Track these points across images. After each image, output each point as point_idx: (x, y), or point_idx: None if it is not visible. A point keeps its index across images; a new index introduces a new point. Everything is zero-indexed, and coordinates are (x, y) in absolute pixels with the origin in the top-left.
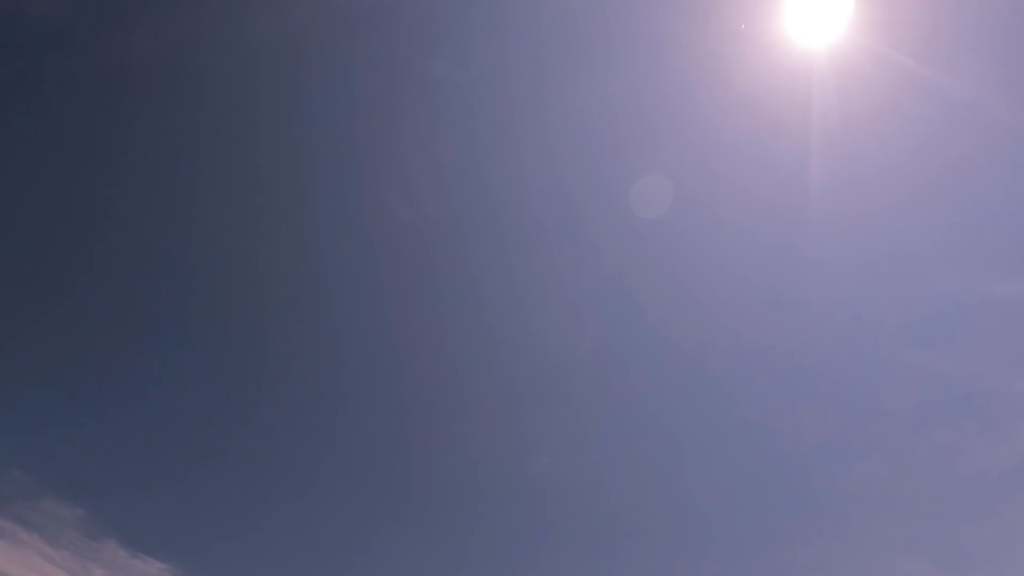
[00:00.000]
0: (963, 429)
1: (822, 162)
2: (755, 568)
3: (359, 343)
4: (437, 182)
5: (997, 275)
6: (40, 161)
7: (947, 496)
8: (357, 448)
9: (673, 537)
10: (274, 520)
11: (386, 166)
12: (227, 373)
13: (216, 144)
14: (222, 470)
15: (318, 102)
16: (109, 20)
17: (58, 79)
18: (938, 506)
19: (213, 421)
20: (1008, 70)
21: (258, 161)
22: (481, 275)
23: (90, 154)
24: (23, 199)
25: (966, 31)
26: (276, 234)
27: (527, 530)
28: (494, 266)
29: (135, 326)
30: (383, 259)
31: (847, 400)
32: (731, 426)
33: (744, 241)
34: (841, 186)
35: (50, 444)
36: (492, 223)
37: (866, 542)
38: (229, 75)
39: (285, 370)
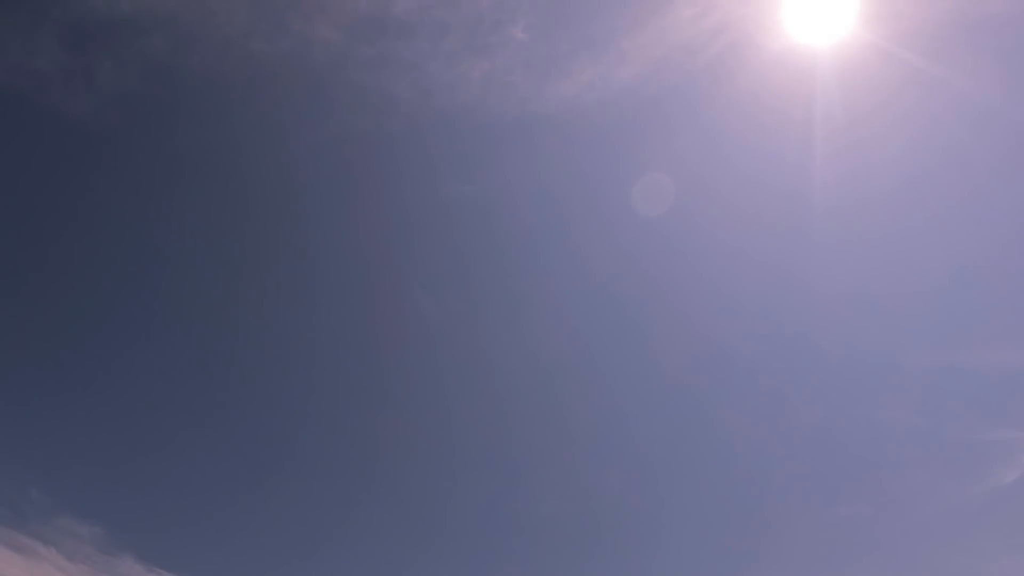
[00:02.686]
0: (938, 473)
1: (825, 160)
2: None
3: (380, 401)
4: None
5: (965, 348)
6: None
7: (923, 529)
8: (370, 486)
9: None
10: (288, 535)
11: (411, 263)
12: (245, 398)
13: (257, 239)
14: (236, 485)
15: (355, 210)
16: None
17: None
18: (915, 537)
19: (228, 440)
20: (1014, 67)
21: (301, 259)
22: (494, 350)
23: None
24: (38, 244)
25: (972, 27)
26: (314, 314)
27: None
28: (506, 342)
29: (153, 352)
30: (407, 337)
31: (833, 446)
32: (729, 468)
33: (746, 242)
34: (843, 185)
35: (68, 465)
36: (504, 306)
37: (849, 569)
38: (277, 178)
39: (307, 417)
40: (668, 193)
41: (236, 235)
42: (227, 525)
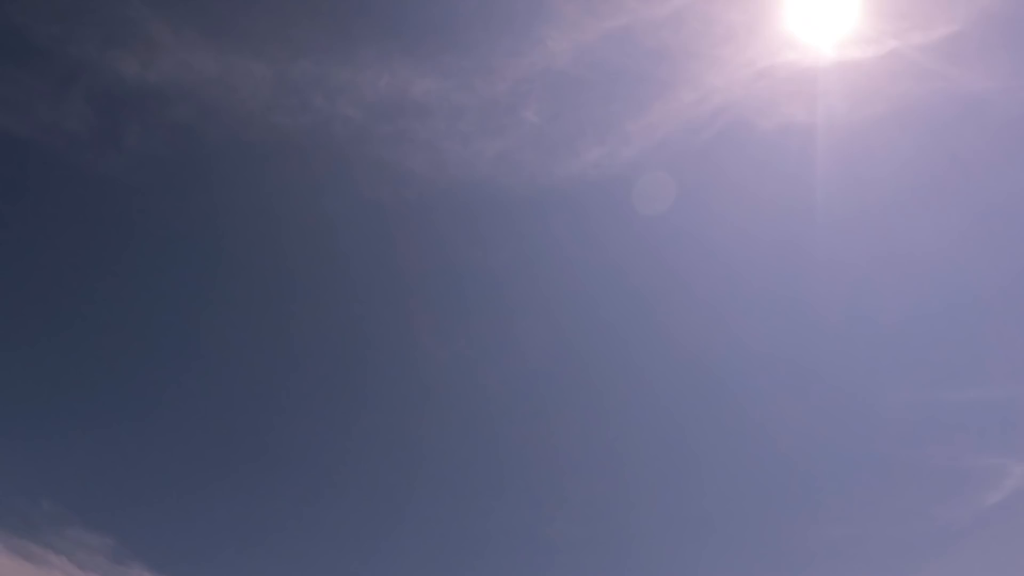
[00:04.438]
0: (924, 496)
1: (827, 159)
2: None
3: (391, 424)
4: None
5: (951, 384)
6: None
7: (909, 547)
8: (378, 502)
9: None
10: (299, 545)
11: (424, 314)
12: (257, 412)
13: (276, 290)
14: (247, 496)
15: (371, 271)
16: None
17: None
18: (903, 555)
19: (240, 451)
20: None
21: (317, 312)
22: (497, 383)
23: None
24: (59, 277)
25: (976, 24)
26: (331, 353)
27: None
28: (508, 376)
29: (165, 366)
30: (417, 374)
31: (825, 473)
32: (725, 488)
33: (748, 242)
34: (839, 258)
35: (79, 477)
36: (511, 357)
37: None
38: (296, 239)
39: (319, 432)
40: (668, 262)
41: (254, 284)
42: (238, 535)
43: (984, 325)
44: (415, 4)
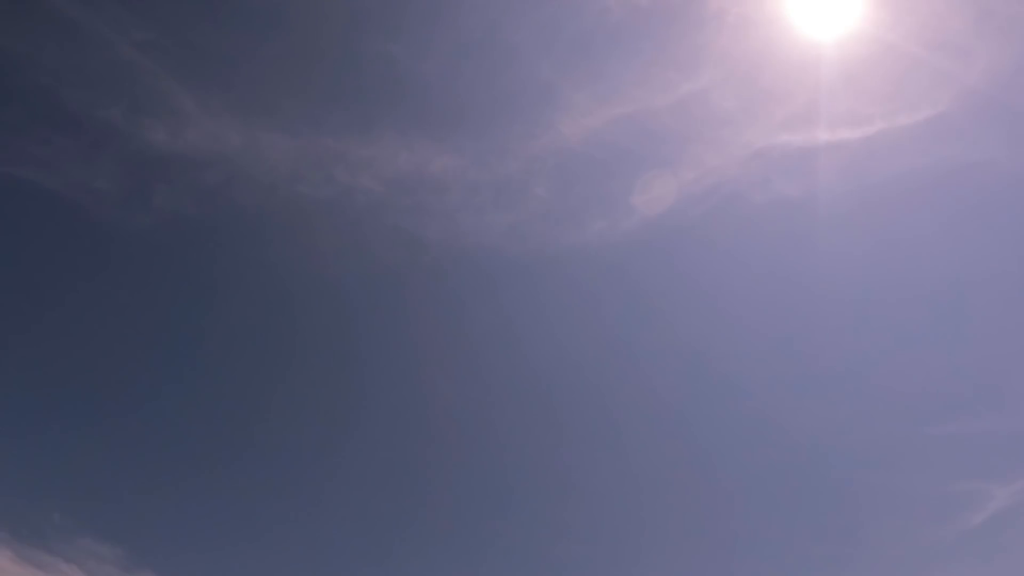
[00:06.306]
0: (911, 517)
1: (819, 231)
2: None
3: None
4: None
5: (932, 418)
6: None
7: (897, 567)
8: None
9: None
10: (310, 553)
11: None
12: (268, 422)
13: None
14: (255, 504)
15: (387, 330)
16: None
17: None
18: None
19: (249, 460)
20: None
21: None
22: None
23: None
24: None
25: (958, 104)
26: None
27: None
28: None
29: (178, 388)
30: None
31: (816, 498)
32: (718, 507)
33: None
34: (837, 256)
35: (90, 489)
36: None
37: None
38: (315, 298)
39: (329, 440)
40: (666, 325)
41: (275, 337)
42: (247, 545)
43: (966, 366)
44: (435, 87)
